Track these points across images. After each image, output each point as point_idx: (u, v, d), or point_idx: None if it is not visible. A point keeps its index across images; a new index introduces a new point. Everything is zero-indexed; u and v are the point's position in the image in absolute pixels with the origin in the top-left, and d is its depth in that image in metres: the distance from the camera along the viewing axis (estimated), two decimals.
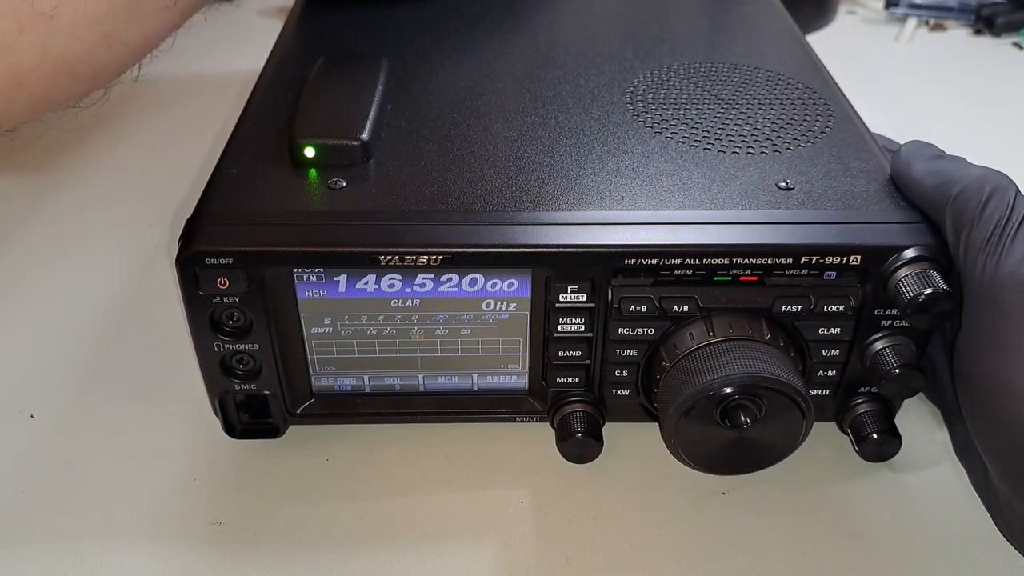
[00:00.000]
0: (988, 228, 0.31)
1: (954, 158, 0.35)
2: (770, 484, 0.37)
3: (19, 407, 0.41)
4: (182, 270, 0.33)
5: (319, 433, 0.39)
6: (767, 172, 0.37)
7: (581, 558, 0.35)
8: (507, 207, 0.35)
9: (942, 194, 0.33)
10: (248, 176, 0.36)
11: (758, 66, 0.46)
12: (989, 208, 0.31)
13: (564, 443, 0.36)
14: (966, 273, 0.32)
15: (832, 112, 0.42)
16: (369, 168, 0.37)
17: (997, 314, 0.30)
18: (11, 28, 0.31)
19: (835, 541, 0.35)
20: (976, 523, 0.36)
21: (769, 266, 0.33)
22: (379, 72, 0.42)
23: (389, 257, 0.33)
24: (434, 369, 0.38)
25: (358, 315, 0.36)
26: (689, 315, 0.34)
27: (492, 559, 0.35)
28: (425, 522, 0.36)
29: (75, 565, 0.34)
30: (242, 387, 0.37)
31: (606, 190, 0.36)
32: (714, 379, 0.33)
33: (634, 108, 0.42)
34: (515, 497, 0.37)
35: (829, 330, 0.35)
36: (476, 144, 0.39)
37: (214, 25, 0.78)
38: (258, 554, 0.35)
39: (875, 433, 0.36)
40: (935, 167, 0.34)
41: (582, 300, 0.34)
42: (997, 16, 0.76)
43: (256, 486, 0.37)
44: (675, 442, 0.34)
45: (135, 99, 0.66)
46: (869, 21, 0.80)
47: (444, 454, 0.39)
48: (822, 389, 0.37)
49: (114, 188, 0.56)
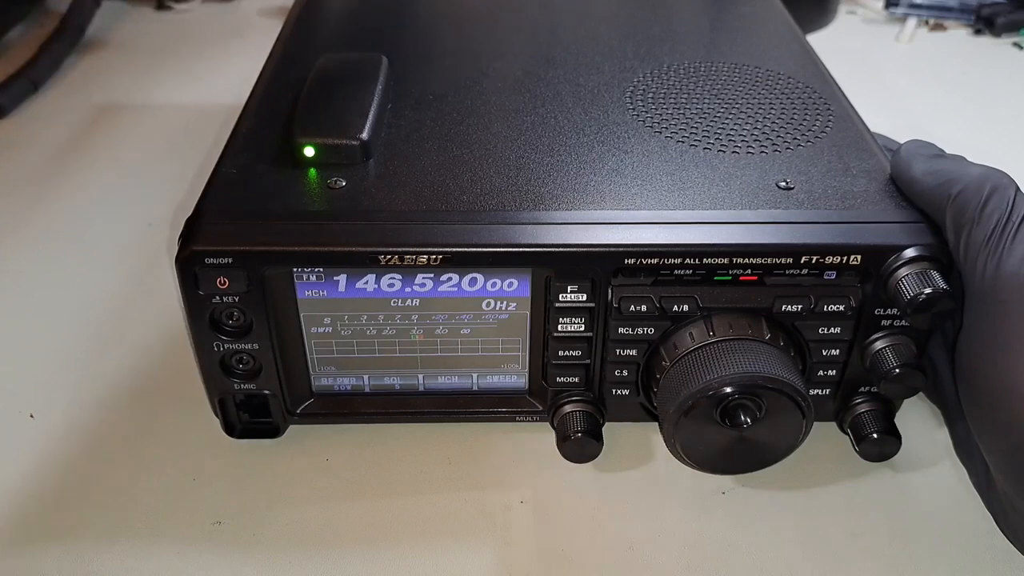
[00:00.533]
0: (988, 227, 0.31)
1: (954, 157, 0.35)
2: (770, 484, 0.37)
3: (19, 407, 0.41)
4: (182, 270, 0.33)
5: (319, 433, 0.39)
6: (767, 172, 0.37)
7: (581, 557, 0.35)
8: (507, 207, 0.35)
9: (942, 193, 0.33)
10: (248, 176, 0.36)
11: (758, 66, 0.46)
12: (989, 207, 0.31)
13: (564, 443, 0.36)
14: (967, 273, 0.32)
15: (832, 111, 0.42)
16: (369, 168, 0.37)
17: (998, 314, 0.30)
18: None
19: (835, 541, 0.35)
20: (976, 523, 0.36)
21: (769, 266, 0.33)
22: (379, 71, 0.42)
23: (389, 257, 0.33)
24: (434, 369, 0.38)
25: (358, 315, 0.36)
26: (689, 315, 0.34)
27: (492, 558, 0.35)
28: (425, 522, 0.36)
29: (75, 565, 0.34)
30: (242, 387, 0.37)
31: (606, 190, 0.36)
32: (714, 379, 0.33)
33: (634, 108, 0.42)
34: (515, 496, 0.37)
35: (829, 330, 0.35)
36: (476, 144, 0.39)
37: (214, 25, 0.78)
38: (258, 554, 0.35)
39: (875, 433, 0.36)
40: (935, 166, 0.34)
41: (582, 300, 0.34)
42: (997, 16, 0.76)
43: (256, 486, 0.37)
44: (675, 442, 0.34)
45: (135, 99, 0.66)
46: (869, 21, 0.80)
47: (444, 454, 0.39)
48: (822, 389, 0.37)
49: (114, 188, 0.56)
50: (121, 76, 0.69)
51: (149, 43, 0.75)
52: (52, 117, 0.64)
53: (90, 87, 0.68)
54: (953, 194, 0.32)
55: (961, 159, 0.34)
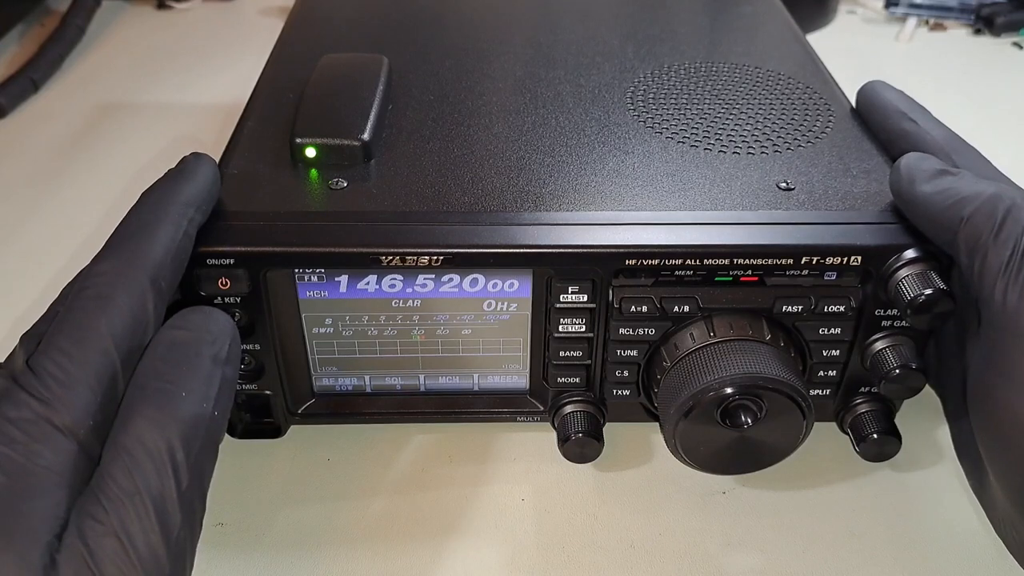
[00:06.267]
0: (1005, 253, 0.29)
1: (960, 173, 0.32)
2: (770, 484, 0.37)
3: None
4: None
5: (320, 433, 0.39)
6: (768, 172, 0.37)
7: (582, 556, 0.35)
8: (508, 207, 0.35)
9: (953, 216, 0.31)
10: (249, 176, 0.36)
11: (758, 66, 0.46)
12: (1004, 232, 0.29)
13: (565, 443, 0.36)
14: (983, 300, 0.30)
15: (832, 112, 0.42)
16: (370, 168, 0.37)
17: (1022, 348, 0.29)
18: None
19: (835, 541, 0.35)
20: (976, 523, 0.36)
21: (770, 266, 0.33)
22: (380, 72, 0.42)
23: (390, 257, 0.33)
24: (435, 369, 0.38)
25: (359, 315, 0.36)
26: (690, 315, 0.34)
27: (493, 557, 0.35)
28: (427, 521, 0.36)
29: None
30: (244, 387, 0.37)
31: (607, 190, 0.36)
32: (715, 379, 0.33)
33: (635, 108, 0.42)
34: (516, 496, 0.37)
35: (829, 330, 0.35)
36: (477, 144, 0.39)
37: (214, 25, 0.78)
38: (260, 555, 0.35)
39: (875, 433, 0.36)
40: (941, 185, 0.32)
41: (583, 300, 0.34)
42: (997, 16, 0.76)
43: (257, 486, 0.37)
44: (676, 442, 0.34)
45: (135, 99, 0.66)
46: (869, 21, 0.80)
47: (445, 453, 0.39)
48: (822, 389, 0.37)
49: (114, 188, 0.56)
50: (121, 76, 0.69)
51: (149, 43, 0.75)
52: (52, 117, 0.64)
53: (90, 87, 0.68)
54: (965, 216, 0.30)
55: (967, 175, 0.32)
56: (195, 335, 0.29)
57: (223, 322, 0.30)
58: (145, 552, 0.24)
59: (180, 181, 0.32)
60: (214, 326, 0.29)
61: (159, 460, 0.25)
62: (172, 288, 0.30)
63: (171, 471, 0.25)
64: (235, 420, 0.38)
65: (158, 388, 0.27)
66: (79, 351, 0.26)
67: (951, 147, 0.36)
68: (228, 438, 0.38)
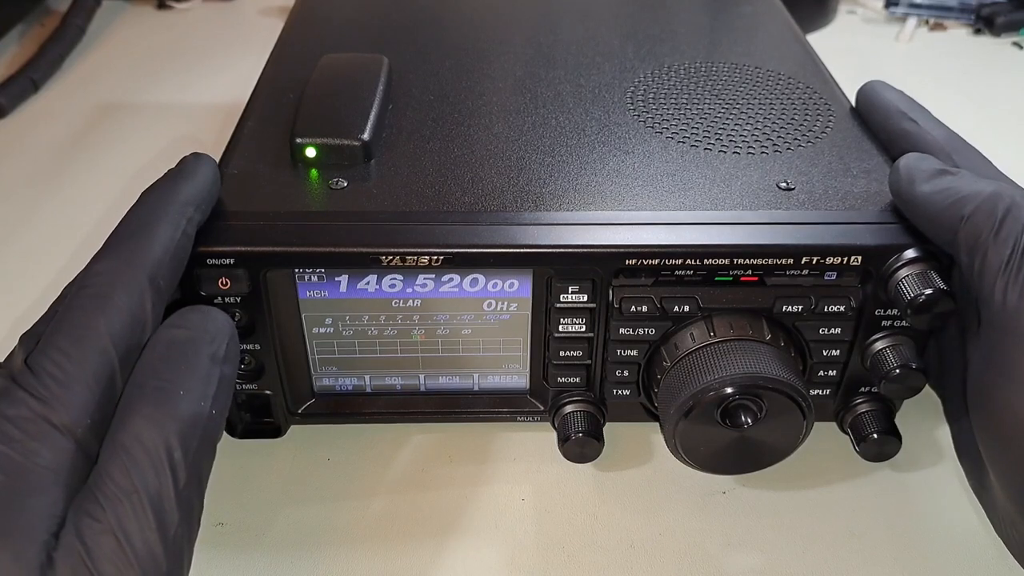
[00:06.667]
0: (1005, 252, 0.29)
1: (960, 172, 0.33)
2: (770, 484, 0.37)
3: None
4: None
5: (320, 433, 0.39)
6: (768, 172, 0.37)
7: (582, 556, 0.35)
8: (508, 207, 0.35)
9: (953, 216, 0.31)
10: (249, 176, 0.36)
11: (758, 66, 0.46)
12: (1004, 231, 0.29)
13: (565, 443, 0.36)
14: (983, 299, 0.30)
15: (832, 112, 0.42)
16: (370, 168, 0.37)
17: (1022, 348, 0.29)
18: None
19: (835, 541, 0.35)
20: (976, 523, 0.36)
21: (770, 266, 0.33)
22: (380, 72, 0.42)
23: (390, 257, 0.33)
24: (435, 369, 0.38)
25: (359, 315, 0.36)
26: (690, 315, 0.34)
27: (494, 557, 0.35)
28: (426, 521, 0.36)
29: None
30: (244, 387, 0.37)
31: (607, 190, 0.36)
32: (715, 379, 0.33)
33: (635, 108, 0.42)
34: (516, 496, 0.37)
35: (829, 330, 0.35)
36: (477, 144, 0.39)
37: (214, 25, 0.78)
38: (260, 554, 0.35)
39: (875, 433, 0.36)
40: (940, 184, 0.32)
41: (583, 300, 0.34)
42: (997, 16, 0.76)
43: (257, 486, 0.37)
44: (676, 442, 0.34)
45: (135, 99, 0.66)
46: (869, 21, 0.80)
47: (445, 453, 0.39)
48: (822, 389, 0.37)
49: (114, 188, 0.56)
50: (121, 76, 0.69)
51: (149, 43, 0.75)
52: (52, 117, 0.64)
53: (90, 87, 0.68)
54: (965, 215, 0.30)
55: (967, 174, 0.32)
56: (193, 334, 0.29)
57: (221, 321, 0.30)
58: (142, 550, 0.24)
59: (180, 181, 0.32)
60: (212, 325, 0.29)
61: (157, 459, 0.25)
62: (171, 287, 0.30)
63: (169, 470, 0.25)
64: (235, 420, 0.38)
65: (156, 387, 0.27)
66: (77, 350, 0.26)
67: (951, 147, 0.36)
68: (228, 438, 0.38)
